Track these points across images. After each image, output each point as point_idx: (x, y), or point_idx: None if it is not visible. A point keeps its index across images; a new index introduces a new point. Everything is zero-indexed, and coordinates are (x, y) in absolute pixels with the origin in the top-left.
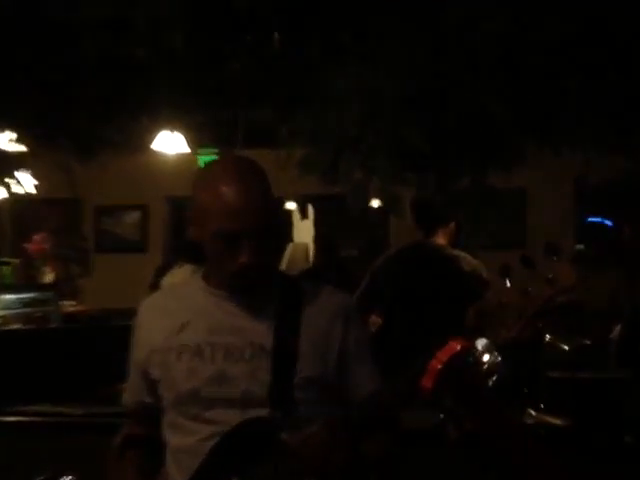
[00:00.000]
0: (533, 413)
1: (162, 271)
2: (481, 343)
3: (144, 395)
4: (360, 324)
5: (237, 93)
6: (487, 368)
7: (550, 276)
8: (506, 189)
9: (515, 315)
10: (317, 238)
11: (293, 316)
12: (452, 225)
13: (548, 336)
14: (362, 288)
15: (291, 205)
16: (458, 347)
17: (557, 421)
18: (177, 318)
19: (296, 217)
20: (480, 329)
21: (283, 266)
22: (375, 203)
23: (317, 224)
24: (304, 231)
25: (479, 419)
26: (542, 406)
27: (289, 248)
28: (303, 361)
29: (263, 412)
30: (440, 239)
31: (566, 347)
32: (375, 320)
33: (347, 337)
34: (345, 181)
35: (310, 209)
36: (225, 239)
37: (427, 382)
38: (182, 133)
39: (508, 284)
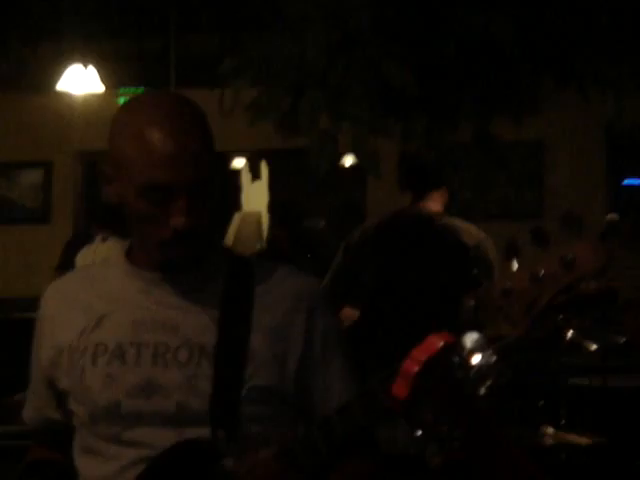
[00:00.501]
0: (551, 431)
1: (73, 247)
2: (470, 339)
3: (49, 410)
4: (330, 317)
5: (167, 14)
6: (478, 371)
7: (570, 256)
8: (517, 142)
9: (523, 307)
10: (273, 205)
11: (242, 307)
12: (446, 189)
13: (570, 333)
14: (333, 270)
15: (239, 162)
16: (440, 344)
17: (583, 440)
18: (92, 309)
19: (246, 178)
20: (478, 324)
21: (229, 242)
22: (348, 160)
23: (273, 187)
24: (256, 196)
25: (468, 439)
26: (563, 422)
27: (236, 218)
28: (254, 366)
29: (202, 432)
30: (434, 205)
31: (593, 347)
32: (350, 313)
33: (312, 334)
34: (308, 131)
35: (264, 168)
36: (153, 197)
37: (399, 389)
38: (96, 68)
39: (515, 266)
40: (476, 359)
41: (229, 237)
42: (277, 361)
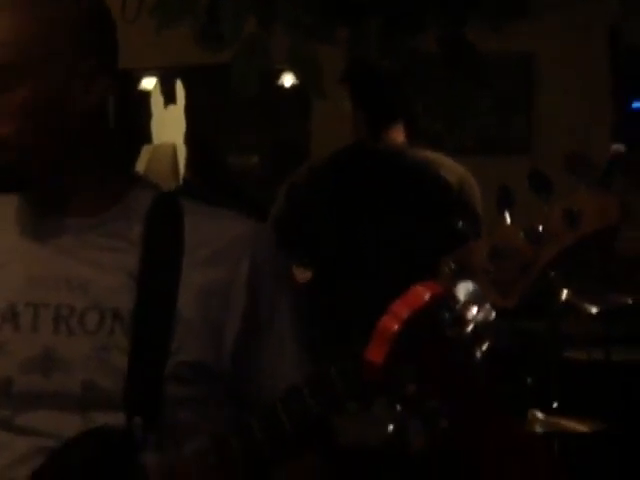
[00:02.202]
0: (541, 416)
1: None
2: (465, 288)
3: None
4: (279, 272)
5: None
6: (475, 329)
7: (576, 209)
8: (499, 55)
9: (516, 271)
10: (191, 135)
11: (168, 260)
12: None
13: (565, 292)
14: (272, 220)
15: (149, 83)
16: (426, 296)
17: (580, 426)
18: None
19: (157, 102)
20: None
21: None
22: (287, 80)
23: (191, 113)
24: (170, 125)
25: (459, 415)
26: (555, 405)
27: (146, 152)
28: (182, 336)
29: (115, 418)
30: (397, 135)
31: (594, 309)
32: (301, 273)
33: (256, 295)
34: (232, 38)
35: (179, 89)
36: None
37: (375, 353)
38: None
39: (508, 220)
40: (472, 313)
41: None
42: (211, 330)
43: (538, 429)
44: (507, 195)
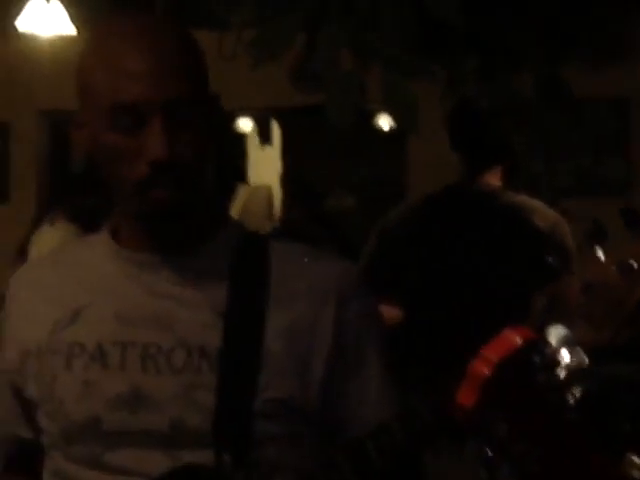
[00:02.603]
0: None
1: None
2: (556, 334)
3: (16, 425)
4: (367, 311)
5: None
6: (568, 374)
7: None
8: (596, 98)
9: (610, 306)
10: (287, 177)
11: (255, 298)
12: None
13: None
14: (364, 259)
15: (245, 124)
16: (518, 340)
17: None
18: (66, 301)
19: (253, 143)
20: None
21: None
22: (382, 120)
23: (287, 154)
24: (266, 166)
25: (553, 461)
26: None
27: (242, 193)
28: (269, 373)
29: (203, 455)
30: (493, 179)
31: None
32: (391, 312)
33: (343, 333)
34: (327, 75)
35: (275, 130)
36: (123, 123)
37: (466, 397)
38: (63, 3)
39: (600, 256)
40: (565, 358)
41: (233, 216)
42: (298, 367)
43: (636, 475)
44: (600, 230)
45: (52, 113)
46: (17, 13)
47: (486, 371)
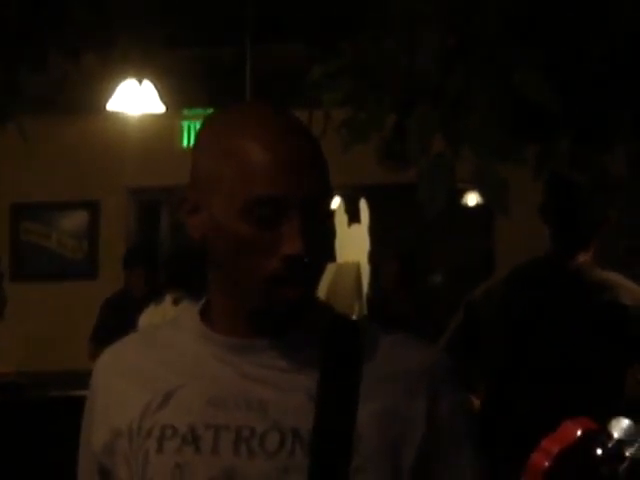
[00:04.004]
0: None
1: (113, 309)
2: (619, 426)
3: None
4: (459, 400)
5: (242, 18)
6: (630, 467)
7: None
8: None
9: None
10: (376, 254)
11: (347, 383)
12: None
13: None
14: (449, 334)
15: (333, 202)
16: (578, 432)
17: None
18: (158, 382)
19: (341, 221)
20: None
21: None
22: (471, 199)
23: (375, 232)
24: (354, 243)
25: None
26: None
27: (330, 270)
28: (361, 457)
29: None
30: (582, 255)
31: None
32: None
33: (436, 421)
34: (418, 157)
35: (363, 208)
36: (261, 215)
37: None
38: (154, 84)
39: None
40: (629, 451)
41: (321, 294)
42: (390, 453)
43: None
44: None
45: (139, 191)
46: (108, 94)
47: (546, 463)
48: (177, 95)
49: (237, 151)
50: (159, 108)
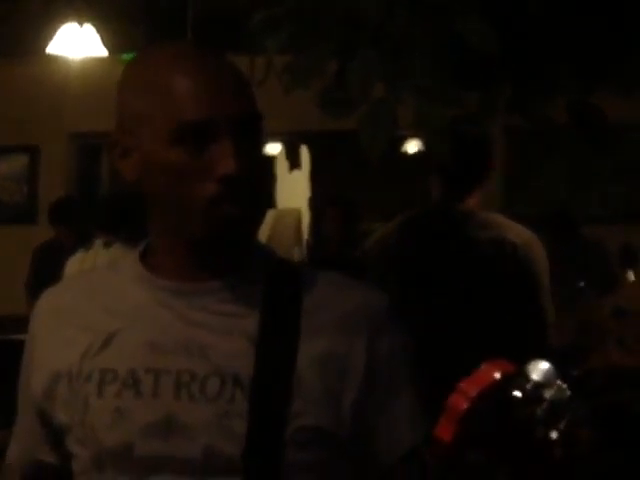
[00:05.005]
0: None
1: (46, 256)
2: (538, 368)
3: (42, 451)
4: (398, 341)
5: None
6: (548, 409)
7: None
8: (628, 124)
9: None
10: (316, 200)
11: (288, 327)
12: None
13: None
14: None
15: (274, 148)
16: (496, 374)
17: None
18: (98, 326)
19: (281, 167)
20: (584, 350)
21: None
22: (411, 146)
23: (315, 178)
24: (294, 189)
25: None
26: None
27: (270, 217)
28: (302, 401)
29: None
30: (474, 200)
31: None
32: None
33: (375, 362)
34: (360, 102)
35: (304, 154)
36: (191, 141)
37: (443, 431)
38: (96, 27)
39: (632, 278)
40: (547, 394)
41: (261, 239)
42: (331, 395)
43: None
44: (630, 253)
45: (80, 136)
46: (49, 37)
47: (464, 405)
48: (118, 39)
49: (159, 84)
50: (100, 52)
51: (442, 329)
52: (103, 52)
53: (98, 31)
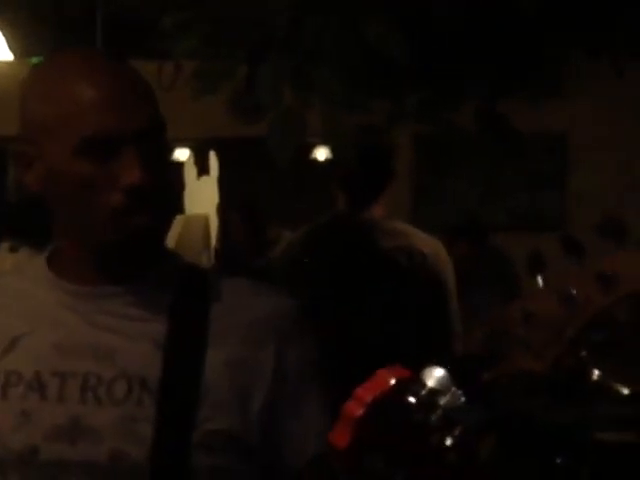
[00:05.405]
0: None
1: None
2: (433, 375)
3: None
4: (307, 347)
5: None
6: (442, 415)
7: (610, 272)
8: (534, 134)
9: (550, 335)
10: (224, 208)
11: (195, 332)
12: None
13: (597, 373)
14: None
15: (182, 154)
16: (391, 380)
17: None
18: (3, 329)
19: (190, 174)
20: (492, 356)
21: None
22: (321, 153)
23: (224, 185)
24: (203, 195)
25: None
26: None
27: (178, 222)
28: (209, 406)
29: None
30: (378, 209)
31: (626, 391)
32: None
33: (283, 369)
34: (269, 109)
35: (213, 161)
36: (96, 153)
37: (339, 437)
38: (2, 32)
39: (540, 283)
40: (441, 400)
41: (169, 245)
42: (237, 401)
43: None
44: (539, 259)
45: None
46: None
47: (359, 411)
48: (26, 43)
49: (63, 95)
50: (6, 55)
51: (349, 337)
52: (9, 56)
53: (4, 34)
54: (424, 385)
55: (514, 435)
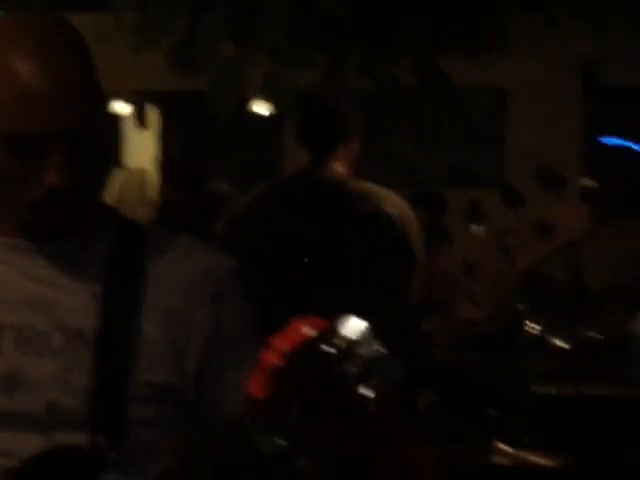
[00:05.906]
0: (507, 449)
1: None
2: (349, 325)
3: None
4: (242, 304)
5: None
6: (360, 365)
7: (548, 221)
8: (472, 89)
9: (489, 283)
10: (165, 162)
11: (132, 284)
12: (356, 142)
13: (535, 326)
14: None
15: (122, 107)
16: (309, 331)
17: (547, 461)
18: None
19: (129, 126)
20: (433, 306)
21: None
22: (259, 105)
23: (164, 139)
24: (142, 149)
25: (348, 451)
26: (526, 440)
27: (117, 177)
28: (146, 357)
29: (79, 438)
30: (339, 166)
31: (564, 345)
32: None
33: (219, 325)
34: (209, 61)
35: (152, 114)
36: (21, 150)
37: (257, 388)
38: None
39: (476, 232)
40: (360, 350)
41: (108, 199)
42: (174, 355)
43: (504, 462)
44: (477, 209)
45: None
46: None
47: (276, 361)
48: None
49: None
50: None
51: (316, 299)
52: None
53: None
54: (342, 336)
55: (450, 387)
